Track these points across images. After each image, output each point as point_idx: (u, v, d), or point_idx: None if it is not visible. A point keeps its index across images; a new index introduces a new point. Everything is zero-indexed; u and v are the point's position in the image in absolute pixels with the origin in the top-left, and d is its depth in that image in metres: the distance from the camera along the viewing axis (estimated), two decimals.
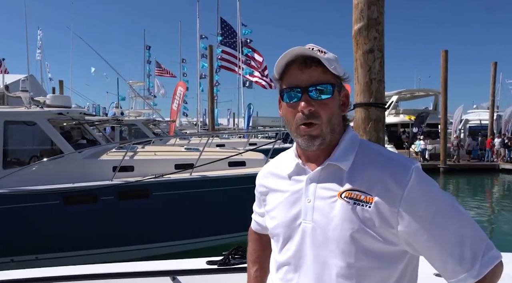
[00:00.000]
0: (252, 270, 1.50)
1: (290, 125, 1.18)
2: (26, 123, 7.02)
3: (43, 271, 2.61)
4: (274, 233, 1.25)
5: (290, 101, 1.16)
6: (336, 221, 1.10)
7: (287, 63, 1.15)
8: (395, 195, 1.06)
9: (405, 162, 1.12)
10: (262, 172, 1.39)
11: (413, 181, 1.07)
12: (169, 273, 2.52)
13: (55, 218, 6.49)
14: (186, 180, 6.90)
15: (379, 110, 2.95)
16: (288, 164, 1.26)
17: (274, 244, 1.26)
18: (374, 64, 2.91)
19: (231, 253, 2.61)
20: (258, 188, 1.38)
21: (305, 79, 1.13)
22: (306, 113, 1.13)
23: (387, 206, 1.07)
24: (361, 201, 1.09)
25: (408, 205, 1.06)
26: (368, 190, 1.09)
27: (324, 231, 1.12)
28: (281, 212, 1.22)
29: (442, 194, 1.10)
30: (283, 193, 1.24)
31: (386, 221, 1.07)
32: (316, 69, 1.13)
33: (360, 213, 1.08)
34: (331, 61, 1.14)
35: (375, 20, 2.89)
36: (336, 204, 1.11)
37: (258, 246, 1.52)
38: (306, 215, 1.15)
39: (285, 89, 1.17)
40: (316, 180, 1.17)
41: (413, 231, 1.06)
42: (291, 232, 1.18)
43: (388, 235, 1.08)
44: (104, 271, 2.57)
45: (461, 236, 1.06)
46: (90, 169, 6.89)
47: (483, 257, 1.05)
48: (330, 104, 1.15)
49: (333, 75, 1.15)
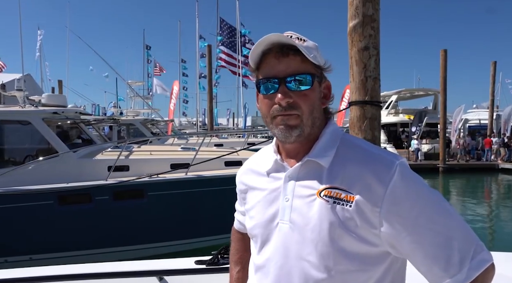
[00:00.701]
0: (234, 271, 1.43)
1: (266, 117, 1.12)
2: (21, 123, 6.97)
3: (28, 271, 2.55)
4: (252, 234, 1.19)
5: (266, 92, 1.09)
6: (314, 221, 1.03)
7: (263, 52, 1.08)
8: (377, 193, 0.99)
9: (388, 157, 1.04)
10: (242, 169, 1.32)
11: (396, 178, 0.99)
12: (156, 273, 2.45)
13: (49, 218, 6.44)
14: (182, 180, 6.84)
15: (374, 108, 2.90)
16: (267, 160, 1.19)
17: (253, 246, 1.20)
18: (369, 62, 2.87)
19: (220, 253, 2.53)
20: (238, 186, 1.32)
21: (283, 69, 1.06)
22: (283, 105, 1.05)
23: (368, 205, 0.99)
24: (341, 200, 1.02)
25: (391, 204, 0.98)
26: (349, 188, 1.02)
27: (301, 232, 1.04)
28: (259, 212, 1.16)
29: (428, 192, 1.02)
30: (261, 191, 1.17)
31: (367, 221, 1.00)
32: (294, 58, 1.05)
33: (340, 212, 1.01)
34: (310, 50, 1.06)
35: (371, 17, 2.85)
36: (314, 203, 1.04)
37: (241, 246, 1.44)
38: (284, 215, 1.08)
39: (261, 80, 1.09)
40: (295, 177, 1.10)
41: (396, 232, 0.98)
42: (269, 233, 1.11)
43: (369, 236, 1.00)
44: (88, 271, 2.51)
45: (448, 238, 0.97)
46: (85, 169, 6.83)
47: (472, 260, 0.97)
48: (310, 96, 1.07)
49: (313, 64, 1.07)
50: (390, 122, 27.22)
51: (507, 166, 22.12)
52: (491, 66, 25.56)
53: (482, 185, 19.73)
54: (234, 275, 1.43)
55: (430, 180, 19.25)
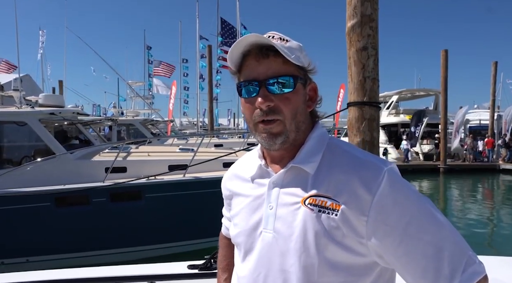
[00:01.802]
0: (221, 278, 1.39)
1: (249, 123, 1.06)
2: (17, 123, 6.91)
3: (19, 276, 2.52)
4: (236, 242, 1.14)
5: (248, 96, 1.04)
6: (298, 231, 0.98)
7: (243, 54, 1.03)
8: (364, 201, 0.94)
9: (376, 163, 0.99)
10: (227, 174, 1.28)
11: (384, 186, 0.94)
12: (148, 278, 2.42)
13: (46, 220, 6.39)
14: (179, 182, 6.79)
15: (373, 109, 2.86)
16: (252, 165, 1.14)
17: (237, 254, 1.15)
18: (368, 62, 2.83)
19: (213, 257, 2.49)
20: (223, 191, 1.27)
21: (263, 71, 1.01)
22: (264, 109, 1.00)
23: (355, 214, 0.94)
24: (326, 208, 0.97)
25: (378, 212, 0.93)
26: (335, 195, 0.97)
27: (285, 242, 0.99)
28: (242, 219, 1.11)
29: (418, 199, 0.97)
30: (245, 198, 1.12)
31: (354, 231, 0.95)
32: (274, 59, 1.00)
33: (326, 221, 0.96)
34: (292, 50, 1.01)
35: (369, 17, 2.82)
36: (299, 211, 0.99)
37: (228, 252, 1.38)
38: (267, 224, 1.04)
39: (242, 82, 1.04)
40: (280, 184, 1.05)
41: (384, 242, 0.94)
42: (252, 242, 1.07)
43: (356, 246, 0.96)
44: (80, 276, 2.48)
45: (438, 248, 0.92)
46: (82, 170, 6.78)
47: (464, 273, 0.91)
48: (292, 99, 1.02)
49: (296, 66, 1.02)
50: (391, 122, 27.12)
51: (508, 167, 22.03)
52: (492, 66, 25.47)
53: (483, 185, 19.67)
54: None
55: (431, 181, 19.21)
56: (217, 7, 34.55)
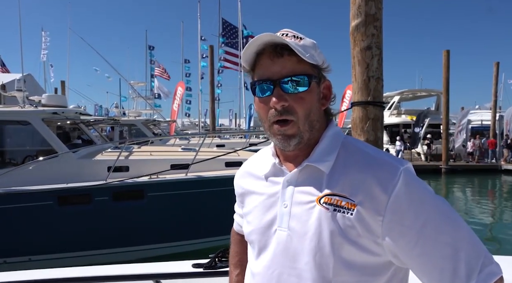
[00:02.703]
0: (233, 274, 1.39)
1: (264, 123, 1.06)
2: (20, 123, 6.93)
3: (23, 274, 2.53)
4: (250, 240, 1.14)
5: (262, 95, 1.03)
6: (313, 229, 0.98)
7: (257, 53, 1.02)
8: (380, 201, 0.93)
9: (392, 162, 0.98)
10: (240, 171, 1.27)
11: (400, 185, 0.93)
12: (152, 276, 2.42)
13: (49, 219, 6.40)
14: (182, 181, 6.79)
15: (377, 108, 2.86)
16: (265, 163, 1.13)
17: (250, 251, 1.15)
18: (372, 62, 2.82)
19: (217, 256, 2.51)
20: (236, 188, 1.27)
21: (277, 70, 1.00)
22: (278, 109, 1.00)
23: (370, 214, 0.94)
24: (342, 208, 0.96)
25: (394, 213, 0.93)
26: (351, 195, 0.96)
27: (300, 240, 0.99)
28: (256, 217, 1.11)
29: (435, 199, 0.96)
30: (259, 196, 1.12)
31: (369, 230, 0.94)
32: (289, 58, 0.99)
33: (341, 221, 0.96)
34: (306, 48, 1.00)
35: (373, 16, 2.81)
36: (314, 210, 0.99)
37: (240, 249, 1.39)
38: (282, 222, 1.03)
39: (256, 81, 1.03)
40: (294, 183, 1.04)
41: (399, 242, 0.93)
42: (266, 240, 1.06)
43: (371, 246, 0.95)
44: (86, 274, 2.49)
45: (455, 249, 0.92)
46: (84, 169, 6.79)
47: (480, 273, 0.91)
48: (306, 98, 1.01)
49: (310, 64, 1.01)
50: (393, 123, 27.10)
51: (510, 167, 21.99)
52: (494, 67, 25.41)
53: (485, 186, 19.62)
54: (234, 279, 1.39)
55: (432, 181, 19.16)
56: (218, 7, 34.59)
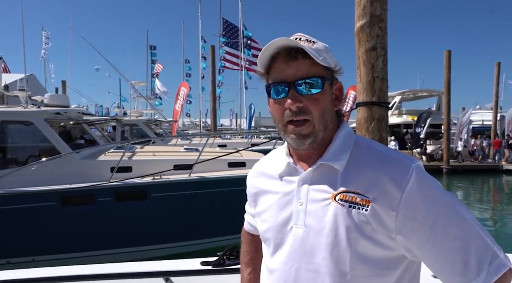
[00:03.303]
0: (245, 272, 1.43)
1: (278, 123, 1.10)
2: (23, 123, 6.93)
3: (34, 272, 2.59)
4: (265, 238, 1.18)
5: (277, 97, 1.07)
6: (330, 226, 1.02)
7: (272, 56, 1.07)
8: (393, 197, 0.98)
9: (405, 160, 1.03)
10: (252, 171, 1.32)
11: (413, 182, 0.98)
12: (162, 274, 2.49)
13: (52, 220, 6.40)
14: (185, 182, 6.79)
15: (382, 109, 2.86)
16: (279, 163, 1.17)
17: (265, 249, 1.19)
18: (377, 62, 2.83)
19: (226, 254, 2.58)
20: (249, 188, 1.30)
21: (292, 73, 1.04)
22: (293, 110, 1.04)
23: (384, 209, 0.98)
24: (357, 204, 1.00)
25: (407, 208, 0.97)
26: (365, 191, 1.01)
27: (317, 236, 1.03)
28: (272, 215, 1.14)
29: (445, 195, 1.01)
30: (274, 195, 1.16)
31: (383, 226, 0.99)
32: (303, 61, 1.04)
33: (356, 217, 1.00)
34: (319, 52, 1.04)
35: (378, 17, 2.82)
36: (329, 207, 1.03)
37: (251, 248, 1.44)
38: (298, 219, 1.07)
39: (271, 84, 1.08)
40: (309, 181, 1.09)
41: (412, 237, 0.98)
42: (283, 237, 1.10)
43: (385, 240, 1.00)
44: (96, 272, 2.55)
45: (465, 242, 0.97)
46: (87, 170, 6.78)
47: (490, 265, 0.96)
48: (321, 99, 1.05)
49: (323, 67, 1.05)
50: (394, 123, 27.13)
51: (511, 167, 21.98)
52: (495, 67, 25.39)
53: (487, 186, 19.63)
54: (246, 277, 1.43)
55: None
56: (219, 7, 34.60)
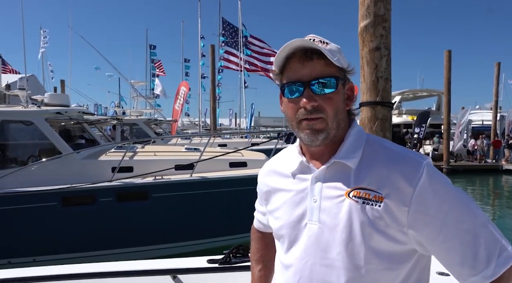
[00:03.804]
0: (256, 269, 1.47)
1: (292, 121, 1.13)
2: (24, 123, 6.91)
3: (41, 270, 2.62)
4: (279, 234, 1.20)
5: (291, 96, 1.10)
6: (344, 222, 1.05)
7: (287, 57, 1.10)
8: (405, 193, 1.01)
9: (416, 157, 1.07)
10: (264, 170, 1.34)
11: (424, 179, 1.01)
12: (170, 271, 2.54)
13: (53, 220, 6.39)
14: (186, 182, 6.79)
15: (385, 109, 2.87)
16: (291, 161, 1.20)
17: (279, 246, 1.22)
18: (380, 62, 2.83)
19: (232, 252, 2.62)
20: (260, 186, 1.33)
21: (307, 72, 1.07)
22: (308, 109, 1.07)
23: (397, 205, 1.02)
24: (370, 200, 1.04)
25: (419, 203, 1.01)
26: (378, 188, 1.04)
27: (331, 232, 1.07)
28: (285, 213, 1.17)
29: (455, 191, 1.05)
30: (287, 193, 1.19)
31: (396, 221, 1.02)
32: (318, 61, 1.07)
33: (370, 212, 1.03)
34: (333, 53, 1.07)
35: (382, 17, 2.83)
36: (344, 204, 1.06)
37: (261, 245, 1.48)
38: (312, 216, 1.11)
39: (286, 83, 1.11)
40: (322, 179, 1.12)
41: (424, 231, 1.02)
42: (297, 234, 1.14)
43: (398, 235, 1.03)
44: (105, 269, 2.58)
45: (475, 236, 1.00)
46: (88, 170, 6.77)
47: (499, 257, 1.00)
48: (334, 98, 1.09)
49: (337, 67, 1.08)
50: (394, 123, 26.93)
51: (510, 167, 22.03)
52: (495, 67, 25.40)
53: (486, 186, 19.64)
54: (256, 274, 1.46)
55: None
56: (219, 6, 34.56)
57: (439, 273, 2.13)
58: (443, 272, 2.12)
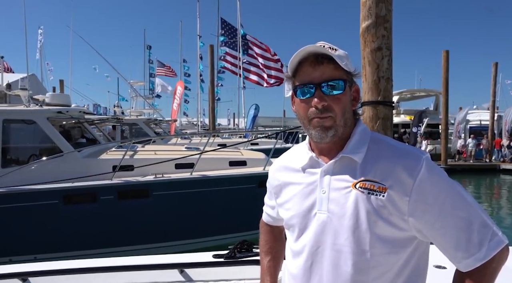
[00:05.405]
0: (265, 260, 1.57)
1: (303, 120, 1.24)
2: (25, 122, 6.95)
3: (53, 264, 2.71)
4: (289, 224, 1.30)
5: (303, 96, 1.21)
6: (351, 210, 1.16)
7: (299, 61, 1.21)
8: (407, 184, 1.12)
9: (416, 152, 1.18)
10: (274, 166, 1.44)
11: (423, 171, 1.12)
12: (177, 265, 2.64)
13: (54, 218, 6.43)
14: (187, 180, 6.84)
15: (387, 108, 2.91)
16: (301, 157, 1.31)
17: (290, 234, 1.32)
18: (382, 62, 2.88)
19: (237, 247, 2.74)
20: (271, 181, 1.44)
21: (318, 75, 1.18)
22: (319, 108, 1.18)
23: (399, 195, 1.13)
24: (375, 191, 1.15)
25: (419, 194, 1.12)
26: (382, 180, 1.15)
27: (339, 220, 1.17)
28: (296, 204, 1.28)
29: (451, 183, 1.16)
30: (297, 185, 1.29)
31: (398, 209, 1.13)
32: (328, 65, 1.18)
33: (374, 202, 1.14)
34: (342, 58, 1.18)
35: (383, 18, 2.87)
36: (351, 194, 1.17)
37: (270, 237, 1.59)
38: (321, 206, 1.21)
39: (298, 85, 1.22)
40: (330, 172, 1.22)
41: (423, 218, 1.12)
42: (307, 223, 1.24)
43: (399, 222, 1.14)
44: (114, 264, 2.67)
45: (469, 222, 1.12)
46: (89, 169, 6.81)
47: (490, 242, 1.11)
48: (342, 99, 1.20)
49: (344, 71, 1.20)
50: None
51: (508, 167, 22.12)
52: (492, 67, 25.45)
53: (484, 186, 19.71)
54: (266, 264, 1.56)
55: None
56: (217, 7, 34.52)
57: (436, 266, 2.22)
58: (440, 265, 2.24)
